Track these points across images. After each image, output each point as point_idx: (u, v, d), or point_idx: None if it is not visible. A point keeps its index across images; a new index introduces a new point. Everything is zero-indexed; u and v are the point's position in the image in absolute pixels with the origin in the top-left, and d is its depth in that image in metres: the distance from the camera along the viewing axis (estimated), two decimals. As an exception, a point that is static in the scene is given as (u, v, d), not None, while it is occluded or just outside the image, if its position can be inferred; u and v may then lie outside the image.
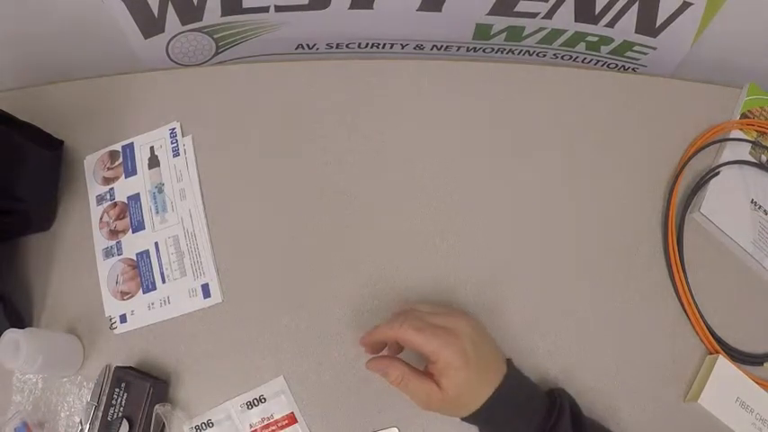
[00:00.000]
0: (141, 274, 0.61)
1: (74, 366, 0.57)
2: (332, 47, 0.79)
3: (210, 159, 0.65)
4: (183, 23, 0.69)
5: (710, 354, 0.59)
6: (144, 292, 0.60)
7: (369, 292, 0.59)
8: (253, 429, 0.55)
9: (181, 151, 0.65)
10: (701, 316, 0.60)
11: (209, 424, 0.55)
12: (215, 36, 0.73)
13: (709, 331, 0.60)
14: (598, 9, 0.71)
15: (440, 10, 0.71)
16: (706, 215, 0.63)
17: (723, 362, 0.57)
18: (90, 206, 0.64)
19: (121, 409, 0.53)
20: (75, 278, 0.61)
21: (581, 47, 0.79)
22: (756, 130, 0.69)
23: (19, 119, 0.59)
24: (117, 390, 0.53)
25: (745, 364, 0.59)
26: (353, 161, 0.64)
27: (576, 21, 0.73)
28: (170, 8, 0.67)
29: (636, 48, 0.77)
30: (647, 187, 0.66)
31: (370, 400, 0.57)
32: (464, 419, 0.49)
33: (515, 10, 0.71)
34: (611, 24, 0.73)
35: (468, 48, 0.80)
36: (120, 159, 0.65)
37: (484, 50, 0.81)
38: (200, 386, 0.56)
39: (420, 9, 0.71)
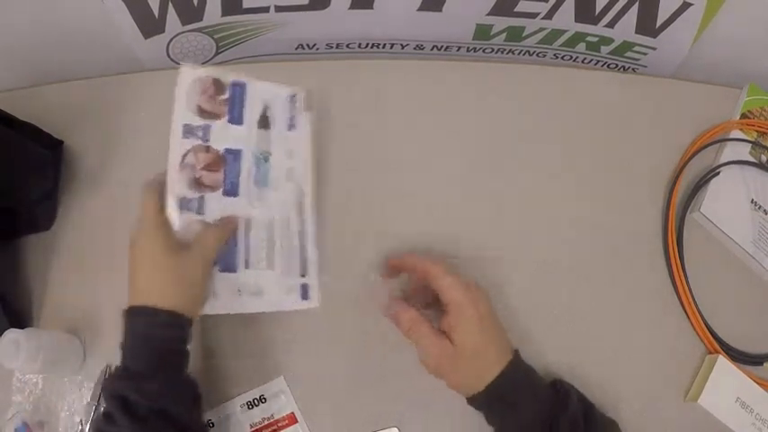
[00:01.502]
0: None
1: (74, 366, 0.57)
2: (332, 47, 0.79)
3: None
4: (184, 23, 0.69)
5: (710, 354, 0.59)
6: (220, 270, 0.52)
7: (369, 293, 0.59)
8: (253, 429, 0.55)
9: (298, 124, 0.56)
10: (701, 316, 0.60)
11: (209, 424, 0.55)
12: (215, 36, 0.73)
13: (710, 331, 0.60)
14: (598, 9, 0.71)
15: (440, 10, 0.71)
16: (706, 215, 0.63)
17: (723, 362, 0.57)
18: (172, 134, 0.53)
19: (121, 409, 0.53)
20: (75, 278, 0.61)
21: (581, 47, 0.79)
22: (756, 131, 0.69)
23: (19, 119, 0.59)
24: (117, 390, 0.53)
25: (745, 364, 0.59)
26: (354, 160, 0.64)
27: (576, 21, 0.73)
28: (170, 8, 0.67)
29: (636, 48, 0.77)
30: (647, 187, 0.66)
31: (371, 400, 0.57)
32: (471, 399, 0.48)
33: (515, 10, 0.71)
34: (611, 24, 0.73)
35: (468, 48, 0.80)
36: (227, 95, 0.54)
37: (484, 50, 0.81)
38: (201, 386, 0.56)
39: (420, 9, 0.71)
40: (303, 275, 0.55)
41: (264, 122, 0.55)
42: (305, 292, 0.55)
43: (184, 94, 0.53)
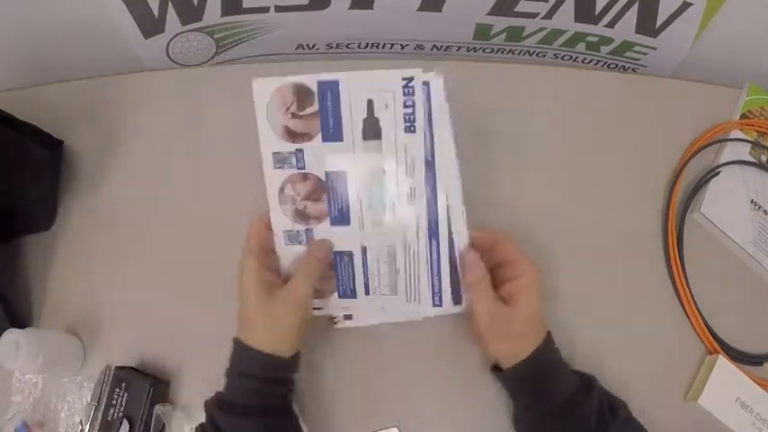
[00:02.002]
0: (338, 275, 0.49)
1: (74, 366, 0.57)
2: (332, 47, 0.79)
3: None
4: (183, 23, 0.69)
5: (710, 354, 0.59)
6: (339, 296, 0.50)
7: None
8: None
9: (418, 126, 0.45)
10: (701, 316, 0.60)
11: None
12: (215, 36, 0.73)
13: (710, 331, 0.60)
14: (598, 9, 0.71)
15: (440, 10, 0.71)
16: (706, 215, 0.63)
17: (723, 362, 0.57)
18: (264, 165, 0.47)
19: (122, 409, 0.53)
20: (75, 278, 0.61)
21: (581, 47, 0.79)
22: (756, 131, 0.69)
23: (19, 119, 0.59)
24: (117, 390, 0.53)
25: (745, 364, 0.59)
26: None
27: (576, 21, 0.73)
28: (170, 8, 0.67)
29: (636, 48, 0.77)
30: (647, 187, 0.66)
31: (371, 400, 0.57)
32: (504, 373, 0.50)
33: (515, 10, 0.71)
34: (611, 24, 0.73)
35: (468, 48, 0.80)
36: (316, 106, 0.45)
37: (484, 50, 0.81)
38: (201, 386, 0.56)
39: (420, 9, 0.71)
40: (418, 301, 0.49)
41: (373, 128, 0.45)
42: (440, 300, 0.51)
43: (265, 116, 0.46)
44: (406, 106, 0.44)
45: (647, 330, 0.60)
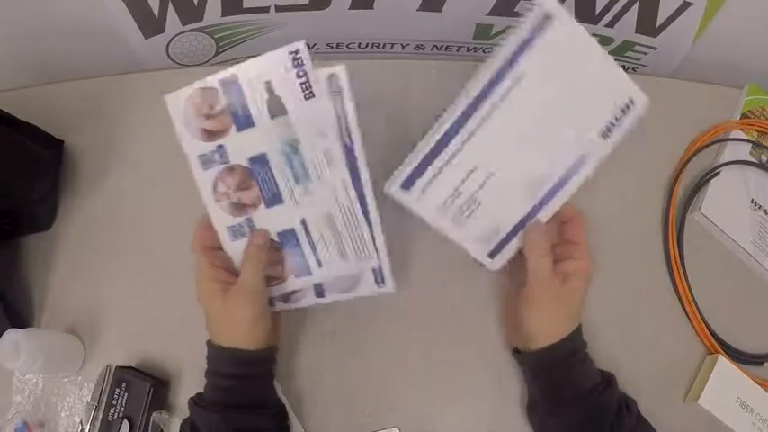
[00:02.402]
0: (289, 256, 0.51)
1: (74, 366, 0.57)
2: (332, 47, 0.79)
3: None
4: (184, 23, 0.69)
5: (710, 354, 0.59)
6: (295, 276, 0.51)
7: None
8: None
9: (317, 90, 0.48)
10: (701, 316, 0.60)
11: None
12: (215, 36, 0.73)
13: (709, 331, 0.60)
14: (598, 9, 0.71)
15: (440, 10, 0.71)
16: (706, 215, 0.63)
17: (723, 362, 0.57)
18: (193, 170, 0.50)
19: (122, 409, 0.53)
20: (75, 278, 0.61)
21: (581, 47, 0.79)
22: (757, 131, 0.69)
23: (19, 119, 0.59)
24: (117, 390, 0.53)
25: (745, 364, 0.59)
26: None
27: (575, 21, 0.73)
28: (170, 8, 0.67)
29: (636, 48, 0.77)
30: (647, 187, 0.66)
31: (371, 399, 0.57)
32: (536, 353, 0.50)
33: (516, 10, 0.71)
34: (611, 24, 0.73)
35: (468, 48, 0.80)
36: (223, 102, 0.48)
37: (484, 50, 0.81)
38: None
39: (420, 9, 0.71)
40: (370, 258, 0.51)
41: (277, 106, 0.48)
42: (379, 277, 0.52)
43: (182, 123, 0.50)
44: (299, 76, 0.47)
45: (647, 330, 0.60)
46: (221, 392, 0.48)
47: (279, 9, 0.70)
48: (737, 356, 0.59)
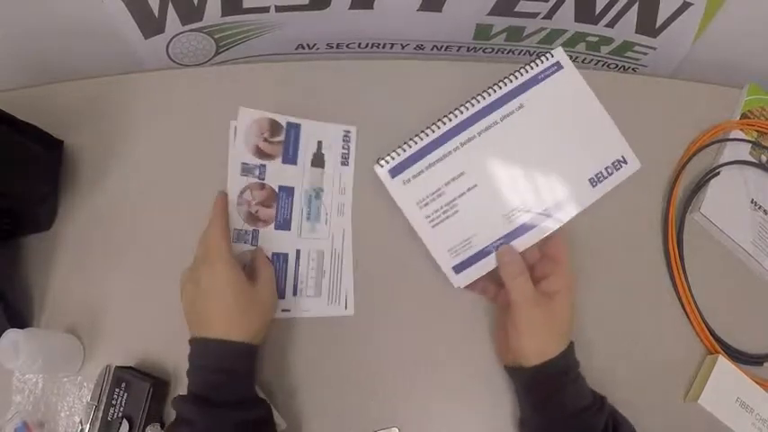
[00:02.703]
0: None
1: (74, 366, 0.57)
2: (332, 47, 0.79)
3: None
4: (183, 23, 0.69)
5: (710, 354, 0.59)
6: None
7: (366, 284, 0.59)
8: None
9: (351, 162, 0.61)
10: (701, 316, 0.60)
11: None
12: (215, 36, 0.73)
13: (709, 331, 0.60)
14: (598, 9, 0.71)
15: (440, 10, 0.71)
16: (706, 215, 0.63)
17: (723, 362, 0.57)
18: (230, 171, 0.58)
19: (122, 409, 0.53)
20: (75, 278, 0.61)
21: (581, 47, 0.79)
22: (756, 131, 0.69)
23: (19, 119, 0.59)
24: (117, 390, 0.53)
25: (745, 364, 0.59)
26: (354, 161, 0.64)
27: (576, 21, 0.73)
28: (170, 8, 0.67)
29: (636, 48, 0.77)
30: (647, 187, 0.66)
31: (371, 400, 0.57)
32: (527, 370, 0.50)
33: (515, 10, 0.71)
34: (611, 24, 0.73)
35: (468, 48, 0.80)
36: (282, 137, 0.60)
37: (484, 50, 0.81)
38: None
39: (420, 9, 0.71)
40: (339, 300, 0.58)
41: (319, 160, 0.61)
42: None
43: (243, 134, 0.59)
44: (343, 148, 0.60)
45: (647, 330, 0.60)
46: (213, 389, 0.48)
47: (279, 9, 0.70)
48: (737, 356, 0.59)
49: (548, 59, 0.54)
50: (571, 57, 0.82)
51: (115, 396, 0.53)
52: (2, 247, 0.60)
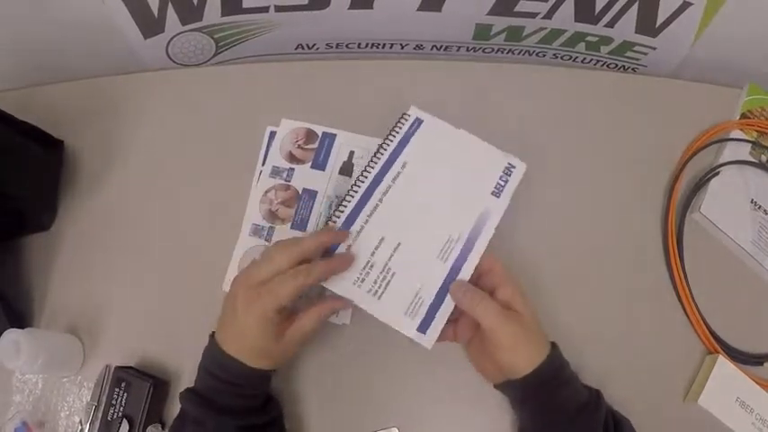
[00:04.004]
0: None
1: (74, 366, 0.57)
2: (332, 47, 0.79)
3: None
4: (183, 23, 0.69)
5: (710, 354, 0.59)
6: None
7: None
8: None
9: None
10: (701, 316, 0.60)
11: None
12: (215, 36, 0.73)
13: (709, 331, 0.60)
14: (598, 9, 0.71)
15: (440, 10, 0.71)
16: (706, 215, 0.63)
17: (723, 362, 0.57)
18: (258, 173, 0.62)
19: (121, 408, 0.53)
20: (75, 278, 0.61)
21: (581, 47, 0.79)
22: (756, 131, 0.69)
23: (19, 119, 0.59)
24: (117, 390, 0.53)
25: (745, 364, 0.59)
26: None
27: (575, 21, 0.73)
28: (170, 8, 0.67)
29: (636, 48, 0.77)
30: (647, 187, 0.66)
31: (371, 400, 0.57)
32: (523, 380, 0.49)
33: (515, 10, 0.71)
34: (611, 24, 0.73)
35: (468, 48, 0.80)
36: (315, 144, 0.64)
37: (484, 50, 0.81)
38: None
39: (420, 9, 0.71)
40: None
41: (347, 169, 0.63)
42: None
43: (280, 140, 0.64)
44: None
45: (647, 330, 0.60)
46: (218, 394, 0.48)
47: (278, 9, 0.70)
48: (737, 356, 0.59)
49: (407, 119, 0.59)
50: (571, 57, 0.83)
51: (115, 396, 0.53)
52: (2, 247, 0.60)
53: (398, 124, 0.59)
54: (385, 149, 0.58)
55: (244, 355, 0.47)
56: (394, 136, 0.58)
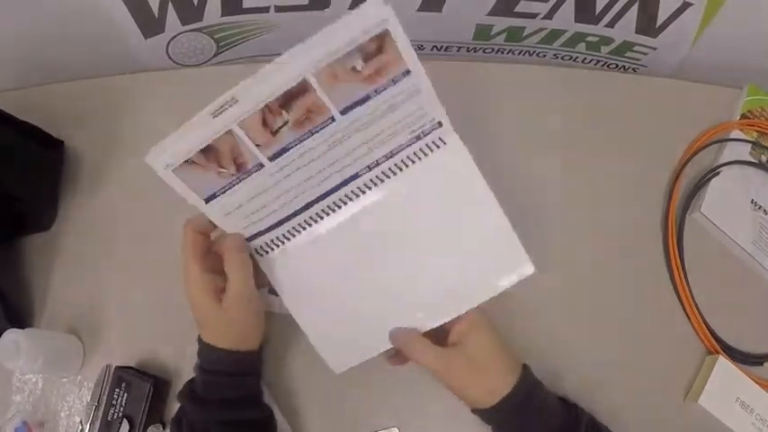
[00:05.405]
0: None
1: (74, 366, 0.57)
2: (332, 47, 0.79)
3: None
4: (183, 24, 0.69)
5: (710, 354, 0.59)
6: (269, 292, 0.56)
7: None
8: None
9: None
10: (701, 316, 0.60)
11: None
12: (215, 36, 0.73)
13: (709, 331, 0.60)
14: (598, 9, 0.71)
15: (440, 10, 0.71)
16: (706, 215, 0.63)
17: (723, 362, 0.57)
18: None
19: (122, 408, 0.53)
20: (75, 278, 0.61)
21: (581, 47, 0.79)
22: (756, 131, 0.69)
23: (19, 119, 0.59)
24: (117, 390, 0.53)
25: (745, 364, 0.59)
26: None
27: (576, 21, 0.73)
28: (170, 8, 0.67)
29: (636, 48, 0.77)
30: (647, 187, 0.66)
31: (370, 400, 0.57)
32: (487, 412, 0.47)
33: (515, 10, 0.71)
34: (611, 24, 0.73)
35: (468, 48, 0.80)
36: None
37: (484, 50, 0.81)
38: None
39: (420, 9, 0.71)
40: None
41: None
42: None
43: None
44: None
45: (647, 330, 0.60)
46: (214, 388, 0.48)
47: (279, 9, 0.70)
48: (737, 356, 0.59)
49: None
50: (571, 57, 0.83)
51: (115, 396, 0.53)
52: (2, 248, 0.60)
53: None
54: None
55: (211, 337, 0.48)
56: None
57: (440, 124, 0.49)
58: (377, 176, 0.48)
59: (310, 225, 0.50)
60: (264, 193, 0.47)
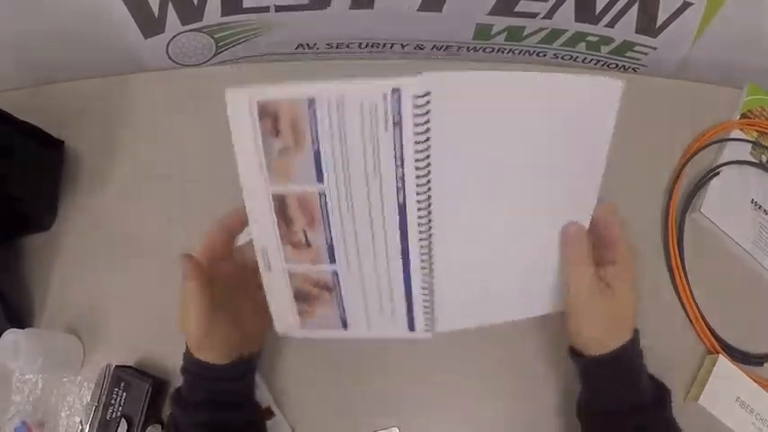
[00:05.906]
0: None
1: (74, 366, 0.57)
2: (332, 47, 0.79)
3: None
4: (183, 23, 0.69)
5: (710, 354, 0.59)
6: None
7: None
8: None
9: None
10: (701, 316, 0.60)
11: None
12: (215, 36, 0.73)
13: (710, 331, 0.60)
14: (598, 9, 0.71)
15: (440, 10, 0.71)
16: (706, 215, 0.63)
17: (723, 362, 0.57)
18: None
19: (120, 408, 0.53)
20: (75, 278, 0.61)
21: (581, 47, 0.79)
22: (757, 131, 0.69)
23: (19, 119, 0.59)
24: (116, 389, 0.53)
25: (745, 364, 0.59)
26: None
27: (576, 21, 0.73)
28: (170, 8, 0.67)
29: (636, 48, 0.77)
30: (647, 187, 0.66)
31: (371, 400, 0.57)
32: (587, 359, 0.47)
33: (516, 10, 0.71)
34: (611, 24, 0.73)
35: (468, 48, 0.80)
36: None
37: (484, 50, 0.81)
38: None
39: (420, 9, 0.71)
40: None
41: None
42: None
43: None
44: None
45: (648, 330, 0.60)
46: (195, 389, 0.48)
47: (279, 9, 0.70)
48: (737, 356, 0.59)
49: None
50: (571, 57, 0.82)
51: (114, 395, 0.53)
52: (2, 248, 0.60)
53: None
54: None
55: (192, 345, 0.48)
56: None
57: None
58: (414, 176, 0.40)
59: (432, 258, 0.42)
60: (363, 288, 0.44)
